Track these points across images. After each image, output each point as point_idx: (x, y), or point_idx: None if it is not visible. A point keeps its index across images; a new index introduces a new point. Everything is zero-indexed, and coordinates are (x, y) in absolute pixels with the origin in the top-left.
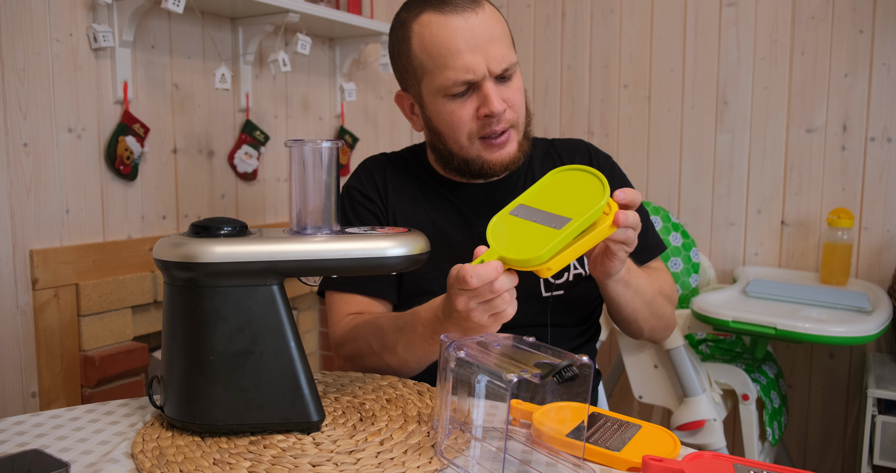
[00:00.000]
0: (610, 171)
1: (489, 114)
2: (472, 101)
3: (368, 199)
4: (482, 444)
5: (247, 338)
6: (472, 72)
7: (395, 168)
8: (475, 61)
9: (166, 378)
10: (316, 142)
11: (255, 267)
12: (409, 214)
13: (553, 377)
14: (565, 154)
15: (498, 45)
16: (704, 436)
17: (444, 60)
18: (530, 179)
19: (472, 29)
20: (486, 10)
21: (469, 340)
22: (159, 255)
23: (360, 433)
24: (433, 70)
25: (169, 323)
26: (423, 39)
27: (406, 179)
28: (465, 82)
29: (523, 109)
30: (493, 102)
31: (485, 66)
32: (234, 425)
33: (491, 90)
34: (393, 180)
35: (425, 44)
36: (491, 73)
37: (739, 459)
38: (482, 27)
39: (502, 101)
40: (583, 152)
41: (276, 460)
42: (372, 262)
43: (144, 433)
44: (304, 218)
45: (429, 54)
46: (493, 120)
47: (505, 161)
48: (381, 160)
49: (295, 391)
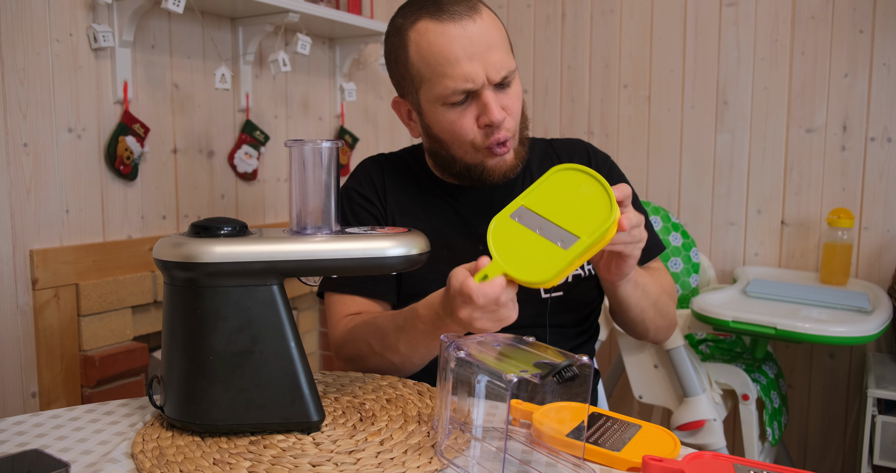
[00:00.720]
0: (608, 170)
1: (489, 123)
2: (471, 109)
3: (367, 200)
4: (482, 444)
5: (247, 338)
6: (472, 81)
7: (393, 169)
8: (474, 70)
9: (166, 378)
10: (316, 142)
11: (255, 267)
12: (407, 214)
13: (553, 377)
14: (563, 154)
15: (496, 53)
16: (704, 436)
17: (443, 69)
18: (528, 180)
19: (470, 37)
20: (484, 16)
21: (469, 340)
22: (159, 255)
23: (360, 433)
24: (431, 79)
25: (169, 323)
26: (420, 48)
27: (405, 180)
28: (463, 91)
29: (520, 116)
30: (493, 111)
31: (483, 74)
32: (234, 425)
33: (490, 99)
34: (392, 181)
35: (423, 53)
36: (490, 81)
37: (739, 459)
38: (480, 35)
39: (502, 109)
40: (581, 152)
41: (276, 460)
42: (372, 262)
43: (144, 433)
44: (304, 218)
45: (426, 63)
46: (495, 129)
47: (503, 169)
48: (379, 161)
49: (295, 391)
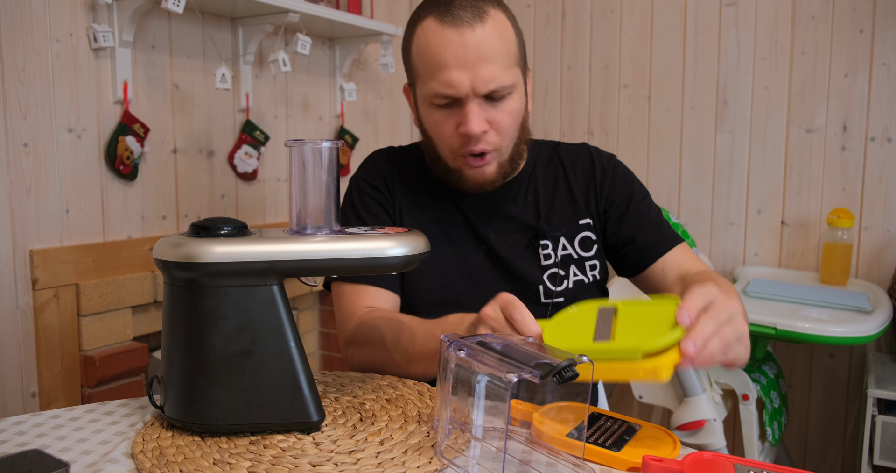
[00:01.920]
0: (613, 170)
1: (465, 134)
2: (454, 116)
3: (377, 190)
4: (482, 444)
5: (247, 338)
6: (455, 88)
7: (402, 162)
8: (459, 79)
9: (166, 378)
10: (316, 142)
11: (255, 267)
12: (414, 207)
13: (553, 377)
14: (567, 160)
15: (490, 66)
16: (704, 436)
17: (431, 71)
18: (532, 185)
19: (465, 45)
20: (489, 25)
21: (469, 340)
22: (159, 255)
23: (360, 433)
24: (424, 77)
25: (169, 323)
26: (419, 45)
27: (412, 173)
28: (445, 97)
29: (513, 133)
30: (470, 123)
31: (469, 85)
32: (234, 425)
33: (472, 111)
34: (400, 173)
35: (420, 50)
36: (476, 92)
37: (739, 459)
38: (476, 45)
39: (484, 122)
40: (585, 157)
41: (276, 460)
42: (372, 262)
43: (144, 433)
44: (304, 218)
45: (421, 61)
46: (472, 140)
47: (479, 181)
48: (388, 153)
49: (295, 392)
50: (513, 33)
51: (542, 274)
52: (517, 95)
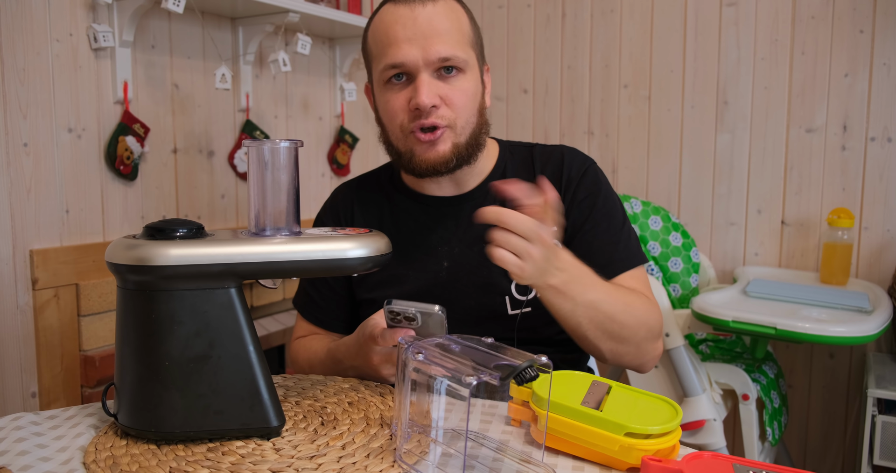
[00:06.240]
0: (580, 179)
1: (417, 106)
2: (406, 92)
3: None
4: (442, 448)
5: (204, 342)
6: (404, 59)
7: (364, 188)
8: (409, 51)
9: (119, 385)
10: (275, 142)
11: (213, 270)
12: (374, 225)
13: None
14: (539, 163)
15: (441, 40)
16: (704, 436)
17: (383, 48)
18: None
19: (416, 19)
20: (441, 4)
21: (427, 342)
22: (112, 258)
23: (321, 437)
24: (377, 57)
25: (122, 328)
26: (374, 27)
27: (375, 193)
28: (394, 66)
29: (467, 112)
30: (421, 93)
31: (419, 56)
32: (192, 432)
33: (423, 82)
34: (361, 203)
35: (374, 31)
36: (426, 64)
37: (739, 459)
38: (427, 19)
39: (435, 96)
40: (556, 161)
41: (235, 467)
42: (332, 263)
43: (97, 441)
44: (263, 219)
45: (375, 41)
46: (423, 113)
47: (432, 160)
48: (350, 185)
49: (254, 396)
50: (466, 19)
51: (510, 284)
52: (471, 75)
